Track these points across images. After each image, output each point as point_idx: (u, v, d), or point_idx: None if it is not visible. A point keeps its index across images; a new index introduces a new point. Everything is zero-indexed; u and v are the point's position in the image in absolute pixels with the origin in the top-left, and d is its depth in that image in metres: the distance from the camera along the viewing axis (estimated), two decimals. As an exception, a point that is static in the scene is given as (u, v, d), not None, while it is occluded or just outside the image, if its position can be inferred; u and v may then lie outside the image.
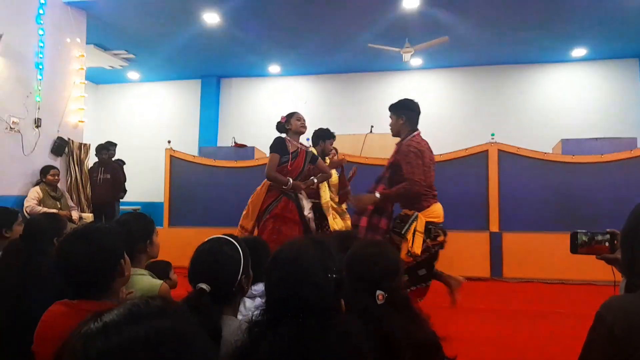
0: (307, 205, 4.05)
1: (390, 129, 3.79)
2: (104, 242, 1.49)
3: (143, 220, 2.20)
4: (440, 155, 6.37)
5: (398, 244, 3.36)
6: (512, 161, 6.16)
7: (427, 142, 3.63)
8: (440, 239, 3.51)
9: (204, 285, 1.44)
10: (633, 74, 8.66)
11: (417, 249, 3.29)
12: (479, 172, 6.21)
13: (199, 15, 6.96)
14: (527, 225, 5.98)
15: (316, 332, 1.08)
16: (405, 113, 3.69)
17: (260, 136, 9.42)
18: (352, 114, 9.52)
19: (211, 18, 7.03)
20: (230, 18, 7.09)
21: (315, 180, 4.09)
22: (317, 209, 5.06)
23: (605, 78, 8.79)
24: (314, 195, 4.64)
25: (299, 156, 3.98)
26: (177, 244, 4.77)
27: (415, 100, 3.81)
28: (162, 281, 2.04)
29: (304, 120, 4.11)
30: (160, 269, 2.69)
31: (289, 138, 4.01)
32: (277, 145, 3.95)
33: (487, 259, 5.99)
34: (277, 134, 6.48)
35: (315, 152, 4.81)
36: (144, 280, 1.98)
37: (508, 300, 4.95)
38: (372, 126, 7.38)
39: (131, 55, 8.81)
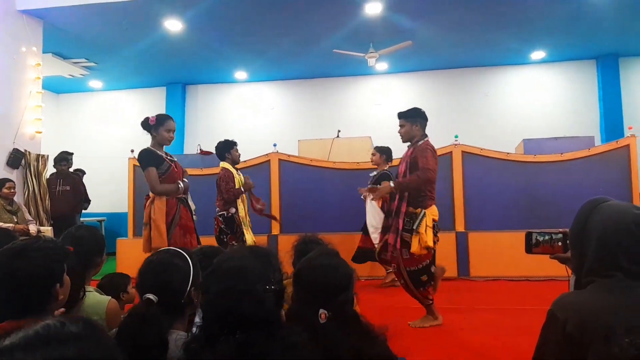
0: (192, 205, 3.97)
1: (403, 135, 4.13)
2: (37, 264, 1.40)
3: (98, 235, 2.13)
4: (406, 157, 6.44)
5: (408, 241, 3.82)
6: (475, 162, 6.26)
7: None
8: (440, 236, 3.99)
9: (151, 296, 1.40)
10: (591, 75, 8.94)
11: (430, 241, 3.79)
12: (444, 173, 6.27)
13: (161, 22, 6.85)
14: (492, 224, 6.08)
15: (258, 347, 1.05)
16: (419, 121, 4.14)
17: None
18: (319, 119, 9.53)
19: (173, 25, 6.93)
20: (193, 25, 7.00)
21: (186, 181, 3.83)
22: (230, 219, 5.10)
23: (564, 79, 9.05)
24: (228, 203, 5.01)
25: (174, 160, 3.81)
26: (142, 255, 4.64)
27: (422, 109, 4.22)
28: (109, 297, 1.97)
29: (174, 132, 3.82)
30: (117, 283, 2.62)
31: (153, 145, 3.71)
32: (149, 158, 3.64)
33: (454, 259, 6.05)
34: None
35: (228, 166, 4.96)
36: (89, 297, 1.90)
37: (475, 298, 5.01)
38: (339, 131, 7.40)
39: (92, 64, 8.61)
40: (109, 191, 9.39)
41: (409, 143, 4.14)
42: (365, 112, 9.63)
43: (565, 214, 5.97)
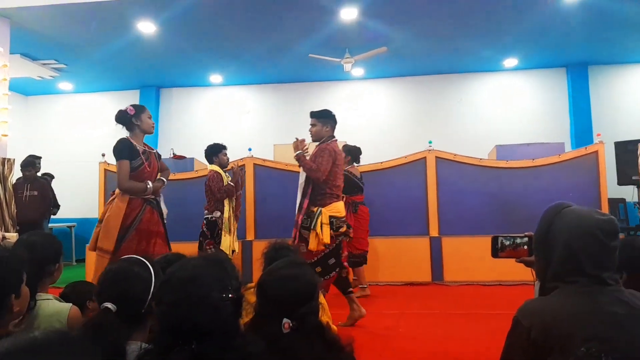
0: (165, 209, 3.73)
1: (313, 134, 4.31)
2: None
3: (52, 242, 2.05)
4: (382, 163, 6.47)
5: (307, 238, 3.93)
6: (449, 167, 6.32)
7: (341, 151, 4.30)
8: (343, 229, 4.03)
9: (109, 305, 1.36)
10: (561, 83, 9.14)
11: (327, 238, 3.89)
12: (418, 178, 6.33)
13: (134, 24, 6.73)
14: (465, 229, 6.14)
15: (214, 357, 1.01)
16: (330, 123, 4.36)
17: (202, 147, 9.23)
18: (295, 124, 9.46)
19: (146, 27, 6.82)
20: (166, 28, 6.90)
21: (165, 181, 3.66)
22: (212, 223, 5.03)
23: (536, 87, 9.24)
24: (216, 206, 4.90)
25: (151, 155, 3.56)
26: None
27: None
28: (70, 305, 1.89)
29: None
30: (81, 291, 2.53)
31: (132, 137, 3.52)
32: (124, 149, 3.41)
33: (428, 264, 6.09)
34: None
35: (216, 169, 4.93)
36: (49, 305, 1.83)
37: (451, 303, 5.03)
38: (314, 135, 7.36)
39: (62, 65, 8.41)
40: (79, 196, 9.18)
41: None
42: (341, 117, 9.53)
43: (537, 218, 6.00)
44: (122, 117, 3.55)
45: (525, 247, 1.64)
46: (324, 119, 4.31)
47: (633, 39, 7.68)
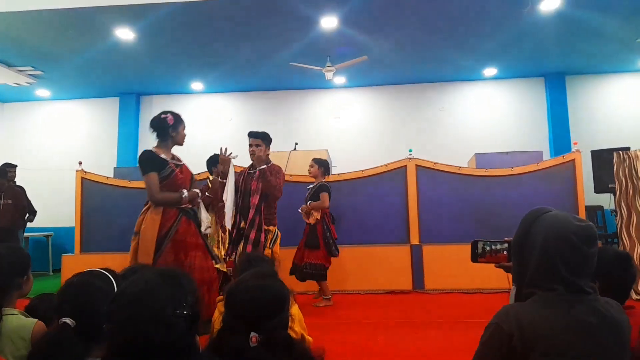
0: (205, 219, 3.50)
1: (259, 155, 4.37)
2: None
3: (19, 254, 1.97)
4: (362, 171, 6.47)
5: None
6: (429, 176, 6.34)
7: None
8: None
9: (67, 320, 1.30)
10: (539, 92, 9.29)
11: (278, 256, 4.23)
12: (399, 187, 6.34)
13: (111, 31, 6.65)
14: (446, 237, 6.15)
15: None
16: (269, 145, 4.53)
17: (183, 155, 9.15)
18: (277, 132, 9.35)
19: (125, 34, 6.75)
20: (145, 34, 6.83)
21: (199, 192, 3.55)
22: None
23: (515, 96, 9.37)
24: None
25: (182, 164, 3.47)
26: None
27: None
28: (35, 320, 1.82)
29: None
30: (50, 304, 2.45)
31: (158, 147, 3.43)
32: (149, 162, 3.31)
33: (409, 272, 6.08)
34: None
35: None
36: (12, 321, 1.75)
37: (431, 311, 5.02)
38: (296, 143, 7.37)
39: (38, 72, 8.27)
40: (56, 205, 9.01)
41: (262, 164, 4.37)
42: (322, 125, 9.66)
43: (516, 225, 6.11)
44: (158, 125, 3.43)
45: (505, 252, 1.63)
46: (267, 141, 4.48)
47: (608, 49, 7.85)
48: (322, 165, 5.55)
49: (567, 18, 6.55)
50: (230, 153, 4.14)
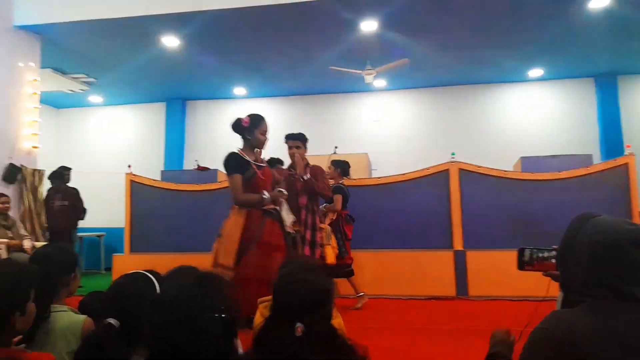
0: (288, 218, 3.46)
1: (299, 157, 4.49)
2: None
3: (67, 253, 2.07)
4: (403, 174, 6.40)
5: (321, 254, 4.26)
6: (472, 179, 6.21)
7: None
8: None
9: (112, 321, 1.35)
10: (589, 93, 8.94)
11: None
12: (441, 191, 6.24)
13: (158, 39, 6.89)
14: (490, 242, 6.00)
15: None
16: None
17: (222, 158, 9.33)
18: (317, 135, 9.44)
19: (170, 41, 6.97)
20: (190, 42, 7.04)
21: (284, 192, 3.52)
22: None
23: (562, 97, 9.06)
24: None
25: (264, 165, 3.45)
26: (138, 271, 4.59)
27: None
28: (85, 317, 1.91)
29: (266, 133, 3.48)
30: (99, 301, 2.55)
31: (243, 150, 3.42)
32: (233, 164, 3.33)
33: (452, 278, 5.97)
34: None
35: None
36: (63, 318, 1.85)
37: (475, 319, 4.92)
38: (336, 147, 7.36)
39: (91, 79, 8.66)
40: (108, 206, 9.35)
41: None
42: (362, 129, 9.64)
43: (563, 232, 5.92)
44: (237, 127, 3.48)
45: (553, 260, 1.58)
46: (305, 142, 4.57)
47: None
48: (338, 166, 5.56)
49: (618, 16, 6.28)
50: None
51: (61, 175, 7.02)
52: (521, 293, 5.63)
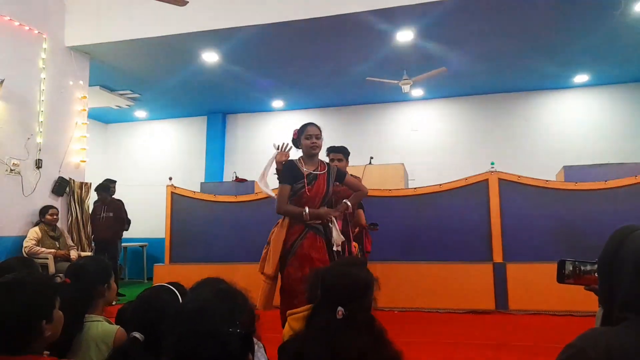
0: (338, 238, 3.34)
1: (342, 169, 4.21)
2: (20, 299, 1.38)
3: (100, 264, 2.15)
4: (440, 185, 6.31)
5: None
6: (513, 190, 6.04)
7: None
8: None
9: (137, 334, 1.39)
10: (637, 99, 8.54)
11: None
12: (480, 201, 6.09)
13: (198, 55, 7.11)
14: (531, 255, 5.81)
15: None
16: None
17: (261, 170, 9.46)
18: (354, 146, 9.40)
19: (210, 57, 7.18)
20: (229, 57, 7.22)
21: (349, 204, 3.45)
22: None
23: (609, 104, 8.69)
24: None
25: (318, 178, 3.37)
26: (177, 281, 4.70)
27: None
28: (117, 327, 1.98)
29: (317, 138, 3.42)
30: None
31: (302, 159, 3.45)
32: (286, 174, 3.35)
33: (492, 291, 5.81)
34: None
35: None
36: (98, 327, 1.92)
37: (515, 333, 4.77)
38: (371, 157, 7.36)
39: (136, 95, 9.01)
40: (151, 217, 9.65)
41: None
42: (399, 139, 9.57)
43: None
44: (293, 141, 3.56)
45: (595, 274, 1.52)
46: (347, 154, 4.65)
47: None
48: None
49: (669, 17, 6.00)
50: (290, 148, 3.79)
51: (107, 187, 7.31)
52: (564, 307, 5.42)
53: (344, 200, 3.47)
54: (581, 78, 8.37)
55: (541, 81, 8.52)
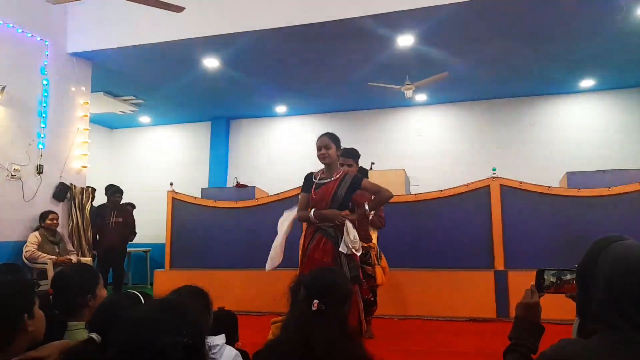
0: (350, 242, 3.34)
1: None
2: (2, 292, 1.45)
3: (85, 274, 2.13)
4: (441, 191, 6.25)
5: (369, 273, 4.29)
6: (515, 196, 5.97)
7: None
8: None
9: (94, 335, 1.40)
10: (644, 104, 8.45)
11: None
12: (481, 208, 6.03)
13: (201, 61, 7.13)
14: (533, 262, 5.69)
15: None
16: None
17: (264, 176, 9.47)
18: (359, 151, 9.49)
19: (211, 63, 7.19)
20: (232, 62, 7.23)
21: (367, 208, 3.58)
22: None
23: (614, 109, 8.59)
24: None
25: (327, 184, 3.51)
26: (177, 286, 4.69)
27: None
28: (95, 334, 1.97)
29: (326, 148, 3.54)
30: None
31: (323, 169, 3.66)
32: (304, 183, 3.68)
33: (492, 299, 5.73)
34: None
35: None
36: (78, 335, 1.91)
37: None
38: (372, 163, 7.31)
39: (140, 101, 9.06)
40: (155, 222, 9.65)
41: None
42: (401, 144, 9.54)
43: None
44: None
45: (574, 282, 1.50)
46: (357, 158, 4.56)
47: None
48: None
49: (673, 22, 5.93)
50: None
51: (118, 192, 7.28)
52: (567, 316, 5.32)
53: (364, 203, 3.63)
54: (586, 83, 8.29)
55: (544, 86, 8.45)
